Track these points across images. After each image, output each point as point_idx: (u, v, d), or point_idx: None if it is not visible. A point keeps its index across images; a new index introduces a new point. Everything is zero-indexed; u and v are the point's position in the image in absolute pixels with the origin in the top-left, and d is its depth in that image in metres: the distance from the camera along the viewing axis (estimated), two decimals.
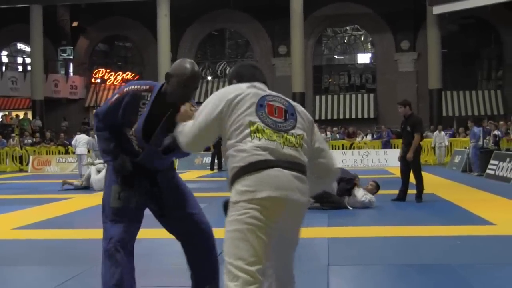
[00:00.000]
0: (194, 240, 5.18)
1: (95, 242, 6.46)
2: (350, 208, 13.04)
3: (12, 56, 49.20)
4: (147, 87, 4.98)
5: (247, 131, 3.80)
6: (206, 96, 44.06)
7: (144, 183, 5.06)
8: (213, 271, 5.25)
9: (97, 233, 5.69)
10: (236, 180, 3.77)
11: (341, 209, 12.78)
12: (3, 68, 45.22)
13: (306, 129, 4.01)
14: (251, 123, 3.82)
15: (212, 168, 29.60)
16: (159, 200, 5.10)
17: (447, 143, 31.18)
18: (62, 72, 46.37)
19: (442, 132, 31.50)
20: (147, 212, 5.16)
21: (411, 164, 14.50)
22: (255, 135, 3.78)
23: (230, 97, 3.92)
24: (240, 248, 3.65)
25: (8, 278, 7.42)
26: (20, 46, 49.25)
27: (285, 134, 3.84)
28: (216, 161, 29.76)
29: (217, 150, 29.18)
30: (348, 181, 13.33)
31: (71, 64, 46.78)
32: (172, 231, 5.28)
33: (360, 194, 13.23)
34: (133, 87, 4.99)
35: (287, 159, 3.76)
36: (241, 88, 4.02)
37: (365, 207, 13.14)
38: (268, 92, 4.06)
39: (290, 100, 4.09)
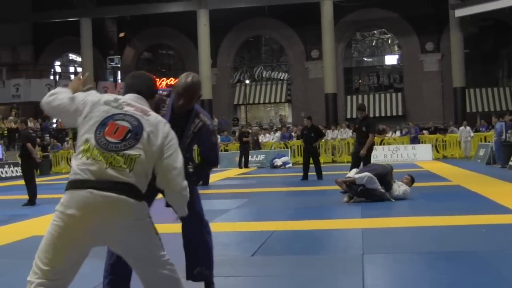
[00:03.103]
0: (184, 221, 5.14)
1: None
2: (393, 200, 12.94)
3: (64, 65, 49.86)
4: (166, 92, 5.10)
5: (81, 148, 3.90)
6: (245, 98, 44.31)
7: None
8: (205, 255, 5.32)
9: None
10: (64, 192, 3.91)
11: (376, 202, 12.68)
12: (57, 77, 45.98)
13: (152, 150, 3.93)
14: (86, 141, 3.90)
15: (240, 167, 29.52)
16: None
17: (472, 136, 30.95)
18: (111, 79, 46.84)
19: (468, 127, 31.32)
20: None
21: (363, 160, 15.03)
22: (85, 153, 3.86)
23: (84, 114, 4.00)
24: (42, 249, 3.84)
25: None
26: (72, 56, 49.91)
27: (115, 155, 3.82)
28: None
29: (244, 150, 29.33)
30: (391, 176, 13.29)
31: (119, 72, 47.24)
32: None
33: (395, 187, 13.20)
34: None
35: (107, 179, 3.78)
36: (99, 103, 4.03)
37: (400, 198, 13.08)
38: (125, 109, 4.00)
39: (145, 120, 3.99)
